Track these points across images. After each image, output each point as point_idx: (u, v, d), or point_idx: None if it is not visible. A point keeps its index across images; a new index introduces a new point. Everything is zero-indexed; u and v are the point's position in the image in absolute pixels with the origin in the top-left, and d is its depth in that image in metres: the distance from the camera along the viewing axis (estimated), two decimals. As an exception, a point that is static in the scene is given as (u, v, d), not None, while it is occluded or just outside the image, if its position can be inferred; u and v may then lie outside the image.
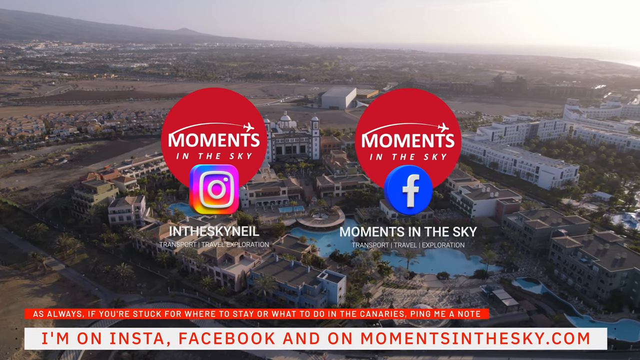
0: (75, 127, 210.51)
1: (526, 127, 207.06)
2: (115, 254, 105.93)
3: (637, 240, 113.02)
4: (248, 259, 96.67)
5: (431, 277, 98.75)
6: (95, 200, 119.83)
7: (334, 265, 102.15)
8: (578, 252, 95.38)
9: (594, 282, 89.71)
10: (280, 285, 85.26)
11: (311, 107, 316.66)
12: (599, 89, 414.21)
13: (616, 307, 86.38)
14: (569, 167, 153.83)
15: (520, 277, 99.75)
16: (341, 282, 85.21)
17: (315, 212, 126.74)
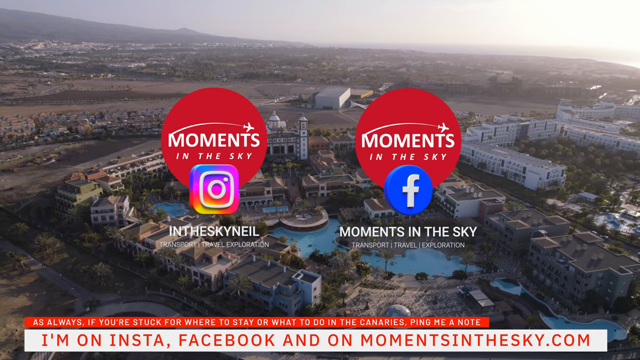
0: (65, 126, 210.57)
1: (516, 128, 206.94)
2: (96, 253, 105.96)
3: (618, 241, 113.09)
4: (226, 259, 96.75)
5: (409, 278, 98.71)
6: (77, 200, 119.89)
7: (313, 265, 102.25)
8: (556, 253, 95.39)
9: (570, 282, 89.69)
10: (255, 285, 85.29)
11: (305, 107, 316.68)
12: (594, 90, 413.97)
13: (591, 308, 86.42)
14: (556, 168, 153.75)
15: (499, 278, 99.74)
16: (316, 282, 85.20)
17: (298, 212, 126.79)
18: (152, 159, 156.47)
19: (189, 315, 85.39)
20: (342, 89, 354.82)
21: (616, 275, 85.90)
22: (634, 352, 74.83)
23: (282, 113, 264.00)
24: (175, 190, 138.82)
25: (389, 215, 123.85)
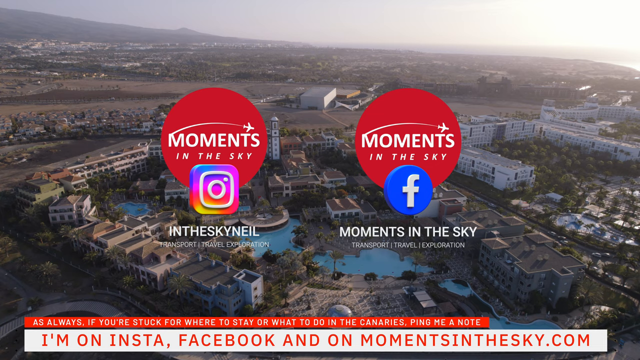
0: (42, 126, 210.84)
1: (493, 128, 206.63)
2: (50, 253, 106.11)
3: (574, 242, 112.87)
4: (175, 258, 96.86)
5: (359, 278, 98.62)
6: (37, 200, 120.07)
7: (264, 265, 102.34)
8: (505, 254, 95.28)
9: (515, 283, 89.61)
10: (195, 284, 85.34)
11: (290, 107, 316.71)
12: (583, 90, 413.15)
13: (533, 308, 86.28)
14: (525, 168, 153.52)
15: (449, 279, 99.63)
16: (256, 282, 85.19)
17: (259, 212, 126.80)
18: (121, 158, 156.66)
19: (132, 314, 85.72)
20: (327, 89, 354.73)
21: (557, 276, 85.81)
22: (566, 354, 74.68)
23: (266, 113, 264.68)
24: (139, 190, 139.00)
25: (349, 215, 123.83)
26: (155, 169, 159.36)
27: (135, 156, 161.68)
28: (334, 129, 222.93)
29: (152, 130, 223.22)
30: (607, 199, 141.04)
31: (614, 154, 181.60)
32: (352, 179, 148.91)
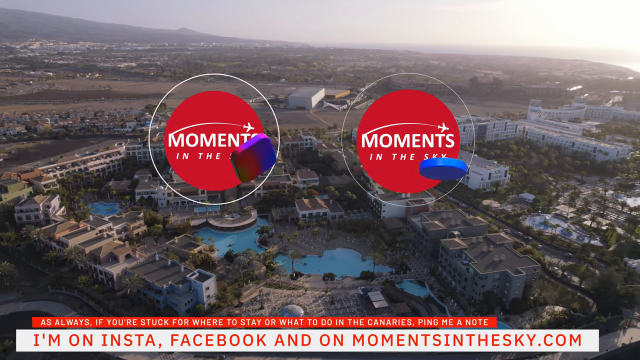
0: (23, 126, 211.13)
1: (474, 128, 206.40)
2: (12, 253, 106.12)
3: (539, 242, 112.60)
4: (134, 258, 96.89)
5: (317, 278, 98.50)
6: (3, 199, 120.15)
7: (225, 265, 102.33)
8: (462, 254, 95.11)
9: (470, 283, 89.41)
10: (148, 283, 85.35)
11: (278, 107, 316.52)
12: (575, 90, 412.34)
13: (487, 309, 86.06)
14: (499, 168, 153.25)
15: (408, 279, 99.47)
16: (208, 281, 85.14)
17: (227, 212, 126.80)
18: (96, 158, 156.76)
19: (85, 313, 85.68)
20: (315, 89, 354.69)
21: (510, 277, 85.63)
22: (512, 354, 74.55)
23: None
24: (111, 190, 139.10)
25: (317, 216, 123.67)
26: (130, 169, 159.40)
27: (111, 156, 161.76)
28: (316, 129, 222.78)
29: (135, 130, 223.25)
30: (579, 199, 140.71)
31: (593, 154, 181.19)
32: (325, 179, 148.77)
